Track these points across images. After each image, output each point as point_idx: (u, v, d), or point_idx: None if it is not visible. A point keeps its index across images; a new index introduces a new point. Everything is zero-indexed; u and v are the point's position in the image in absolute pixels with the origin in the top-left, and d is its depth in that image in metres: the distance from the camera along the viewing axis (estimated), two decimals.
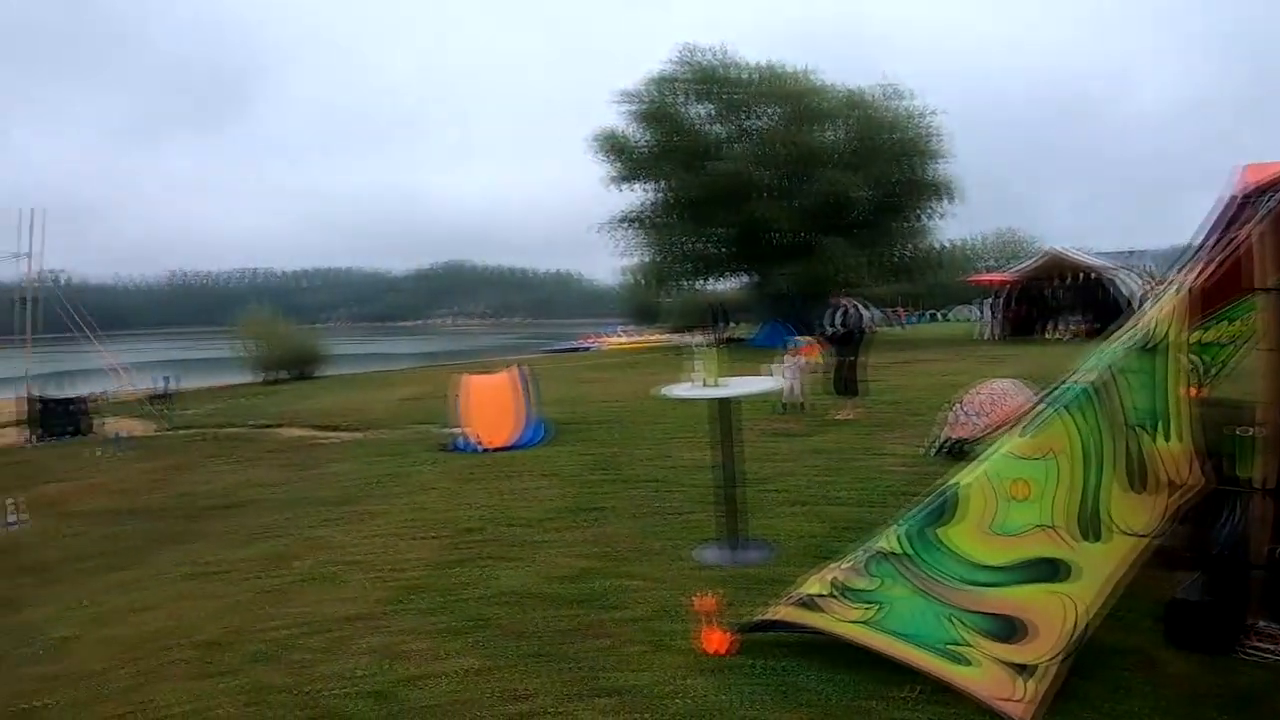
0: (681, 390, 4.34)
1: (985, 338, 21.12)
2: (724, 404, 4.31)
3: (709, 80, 24.44)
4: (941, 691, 2.59)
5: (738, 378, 4.51)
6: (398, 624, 3.87)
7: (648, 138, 25.35)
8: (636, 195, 26.00)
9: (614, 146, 25.44)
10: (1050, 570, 2.52)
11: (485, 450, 8.40)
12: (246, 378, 23.21)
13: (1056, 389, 2.67)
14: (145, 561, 5.72)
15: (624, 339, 36.51)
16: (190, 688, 3.44)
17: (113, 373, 15.60)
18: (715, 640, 3.14)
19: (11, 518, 7.01)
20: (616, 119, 25.25)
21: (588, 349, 34.08)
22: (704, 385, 4.21)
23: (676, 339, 28.88)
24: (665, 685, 2.98)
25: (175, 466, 9.73)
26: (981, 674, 2.50)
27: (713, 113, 25.17)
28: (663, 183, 25.25)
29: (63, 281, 14.61)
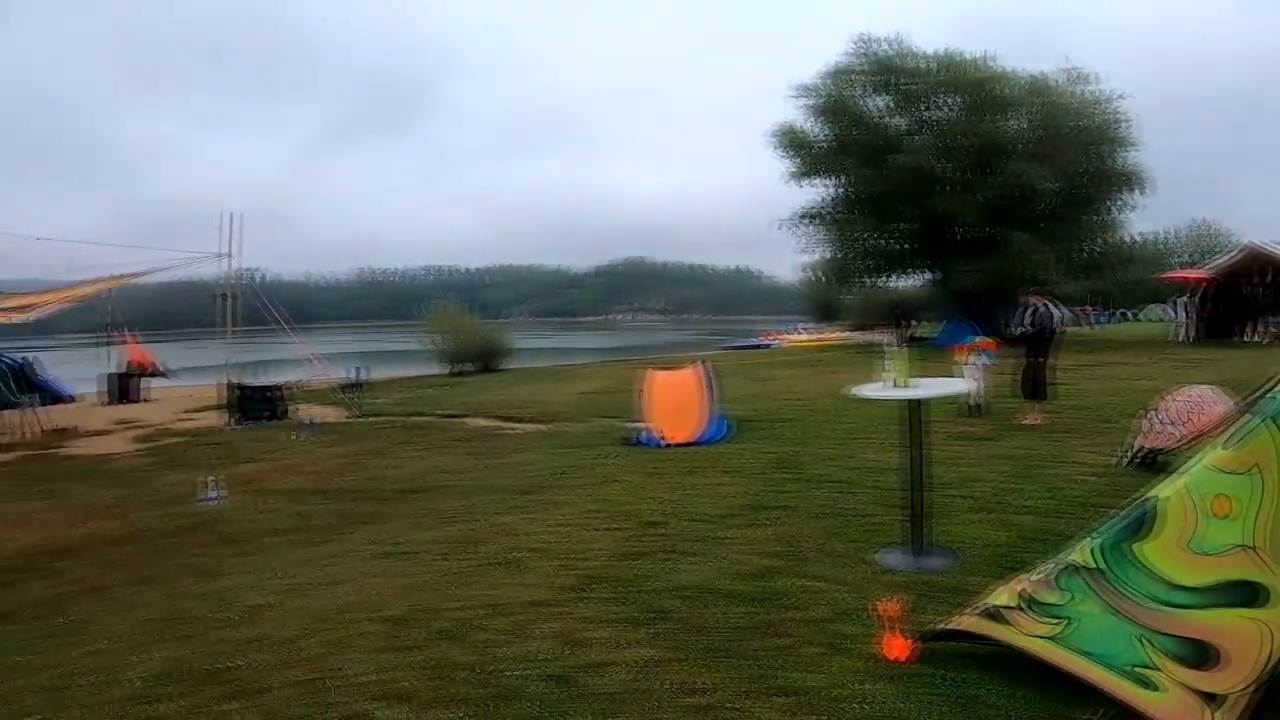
0: (873, 391, 6.24)
1: (1179, 339, 29.66)
2: (914, 406, 6.21)
3: (886, 71, 35.92)
4: (1126, 716, 3.59)
5: (927, 379, 6.45)
6: (579, 611, 5.70)
7: (826, 132, 37.55)
8: (817, 191, 39.16)
9: (793, 142, 37.97)
10: (1249, 594, 3.47)
11: (668, 446, 12.40)
12: (433, 370, 35.56)
13: (1261, 397, 3.79)
14: (336, 539, 8.68)
15: (804, 336, 53.14)
16: (377, 659, 5.28)
17: (307, 363, 25.39)
18: (896, 647, 4.48)
19: (212, 493, 10.83)
20: (795, 114, 38.39)
21: (768, 346, 50.64)
22: (895, 386, 6.10)
23: (857, 337, 43.05)
24: (843, 689, 4.25)
25: (365, 452, 14.41)
26: (1169, 701, 3.48)
27: (891, 105, 36.85)
28: (842, 178, 37.83)
29: (257, 279, 21.18)
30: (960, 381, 9.32)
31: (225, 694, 4.96)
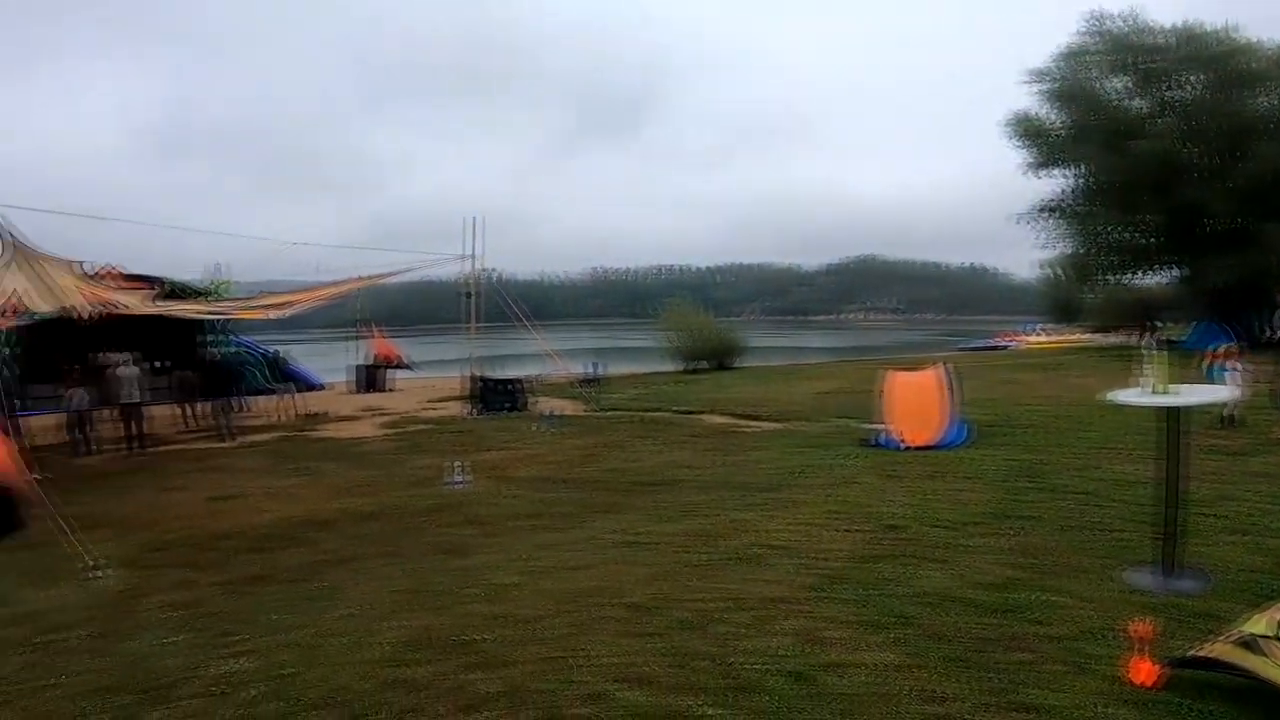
0: (1132, 396, 6.34)
1: None
2: (1174, 414, 6.25)
3: (1122, 49, 34.86)
4: None
5: (1184, 385, 6.48)
6: (819, 611, 6.00)
7: (1063, 119, 36.89)
8: (1055, 182, 38.18)
9: (1028, 130, 37.49)
10: None
11: (907, 448, 12.75)
12: (666, 366, 37.49)
13: None
14: (578, 526, 9.16)
15: (1042, 338, 54.02)
16: (619, 643, 5.59)
17: (546, 358, 27.02)
18: (1144, 671, 4.49)
19: (458, 477, 11.63)
20: (1029, 100, 37.84)
21: (1005, 347, 51.75)
22: (1154, 392, 6.20)
23: (1100, 340, 43.06)
24: (1084, 710, 4.32)
25: (604, 444, 15.17)
26: None
27: (1130, 86, 35.65)
28: (1081, 167, 36.73)
29: (494, 278, 22.84)
30: (1224, 389, 9.27)
31: (471, 664, 5.35)
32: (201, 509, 11.09)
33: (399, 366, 31.82)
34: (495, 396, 20.83)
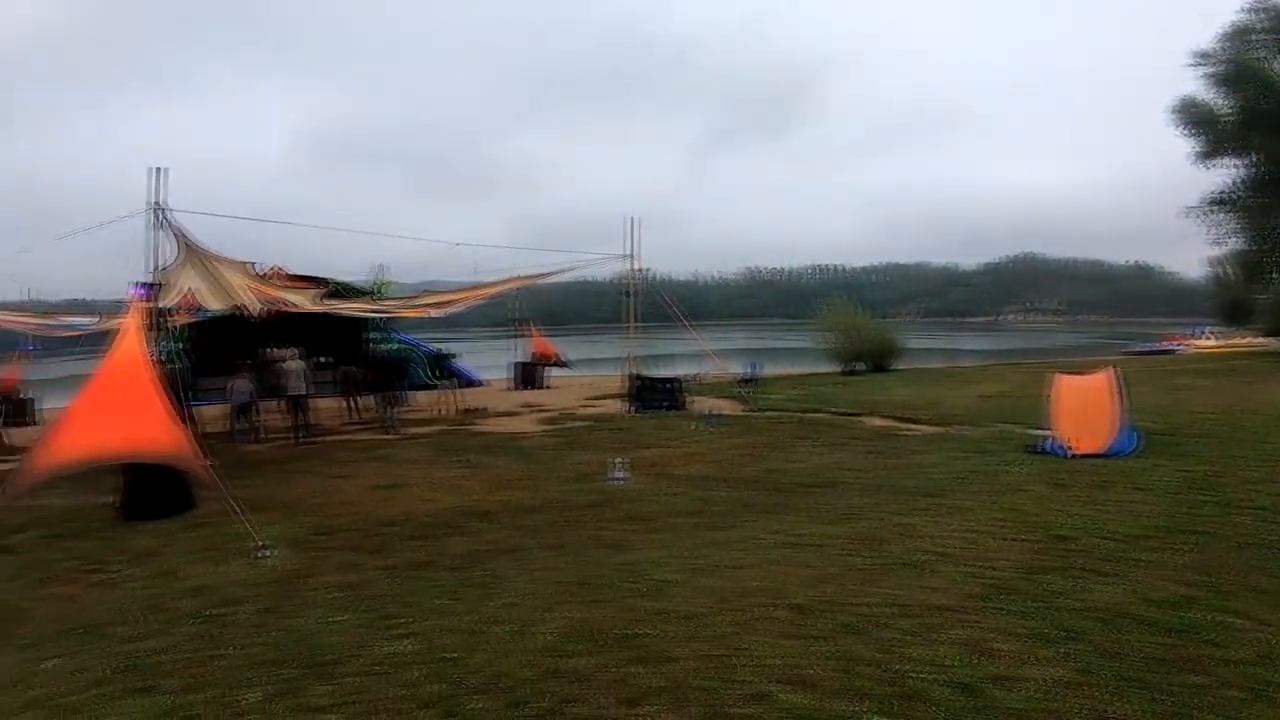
0: None
1: None
2: None
3: None
4: None
5: None
6: (987, 621, 5.93)
7: (1230, 103, 35.21)
8: (1225, 172, 36.66)
9: (1195, 116, 36.13)
10: None
11: (1074, 456, 12.49)
12: (822, 367, 37.27)
13: None
14: (739, 525, 9.13)
15: (1212, 341, 51.35)
16: (782, 645, 5.55)
17: (703, 357, 27.20)
18: None
19: (619, 473, 11.68)
20: (1195, 85, 36.21)
21: (1173, 351, 49.10)
22: None
23: (1273, 343, 40.80)
24: None
25: (764, 444, 15.09)
26: None
27: None
28: (1251, 155, 35.16)
29: (649, 278, 23.12)
30: None
31: (633, 658, 5.39)
32: (366, 496, 11.52)
33: (556, 364, 32.34)
34: (653, 395, 20.94)
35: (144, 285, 11.90)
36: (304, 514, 10.54)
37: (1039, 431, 13.61)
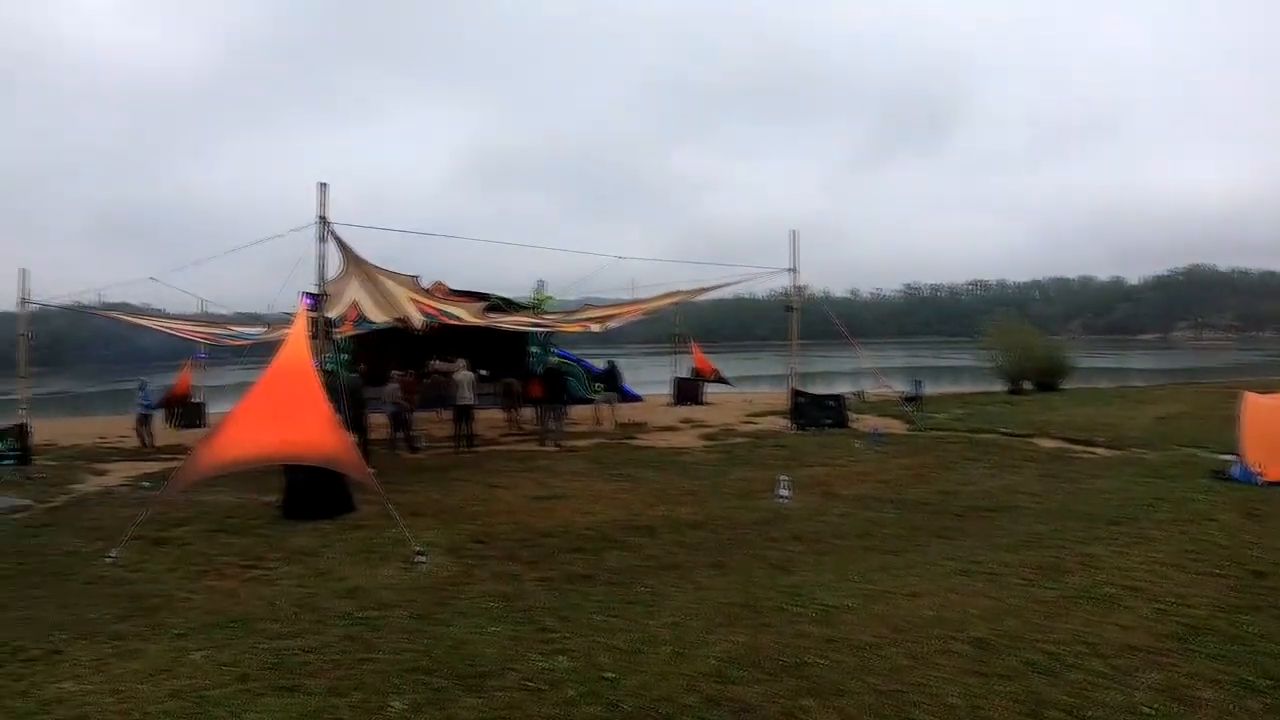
0: None
1: None
2: None
3: None
4: None
5: None
6: (1185, 665, 5.48)
7: None
8: None
9: None
10: None
11: (1265, 483, 11.59)
12: (984, 385, 36.15)
13: None
14: (911, 549, 8.61)
15: None
16: (962, 682, 5.13)
17: (865, 375, 27.04)
18: None
19: (784, 491, 11.19)
20: None
21: None
22: None
23: None
24: None
25: (933, 465, 14.44)
26: None
27: None
28: None
29: (805, 294, 22.57)
30: None
31: (801, 689, 5.04)
32: (524, 506, 11.42)
33: (716, 380, 32.04)
34: (816, 412, 20.38)
35: (310, 295, 12.18)
36: (462, 521, 10.50)
37: (1225, 456, 12.75)
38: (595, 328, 24.08)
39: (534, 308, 24.08)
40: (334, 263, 14.77)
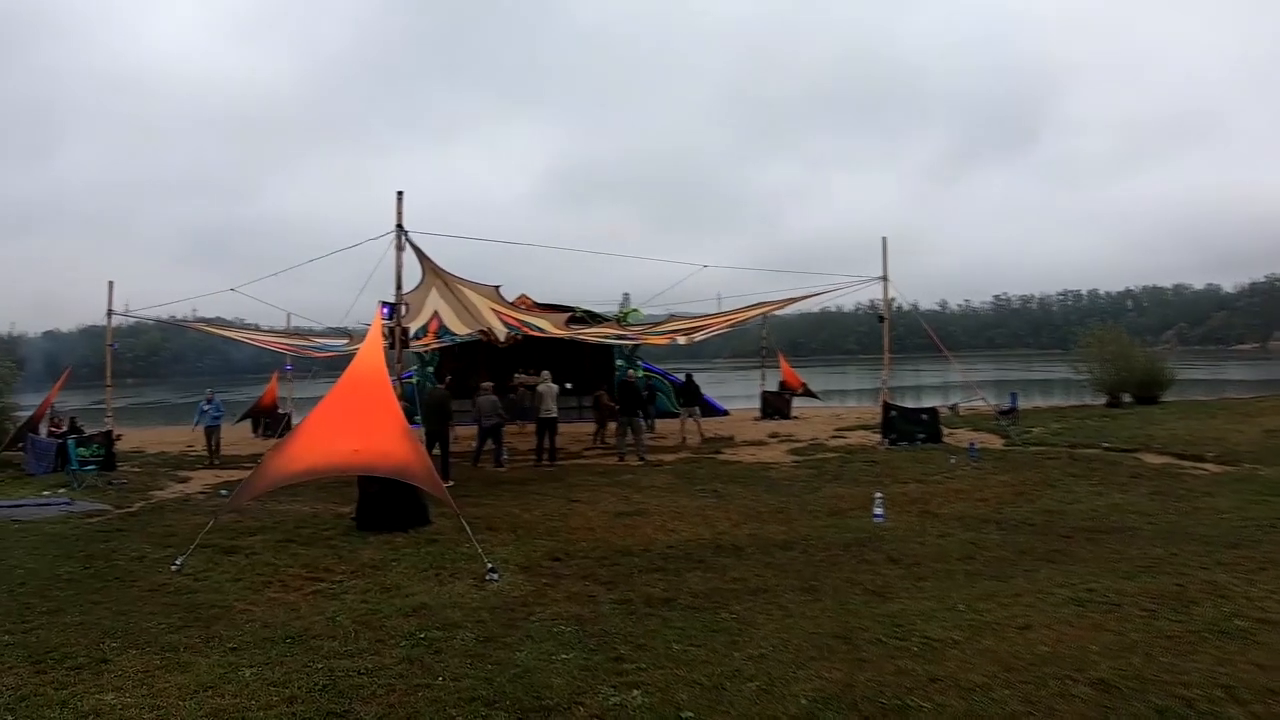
0: None
1: None
2: None
3: None
4: None
5: None
6: None
7: None
8: None
9: None
10: None
11: None
12: (1077, 399, 34.63)
13: None
14: (1018, 575, 7.87)
15: None
16: None
17: (965, 389, 26.15)
18: None
19: (878, 511, 10.53)
20: None
21: None
22: None
23: None
24: None
25: (1034, 482, 13.53)
26: None
27: None
28: None
29: (894, 306, 21.85)
30: None
31: None
32: (604, 522, 10.95)
33: (804, 393, 31.31)
34: (908, 426, 19.53)
35: (387, 304, 11.93)
36: (538, 537, 10.07)
37: None
38: (681, 340, 23.61)
39: (619, 321, 23.74)
40: (414, 273, 14.61)
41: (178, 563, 8.76)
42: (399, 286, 11.91)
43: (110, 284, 20.09)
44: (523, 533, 10.34)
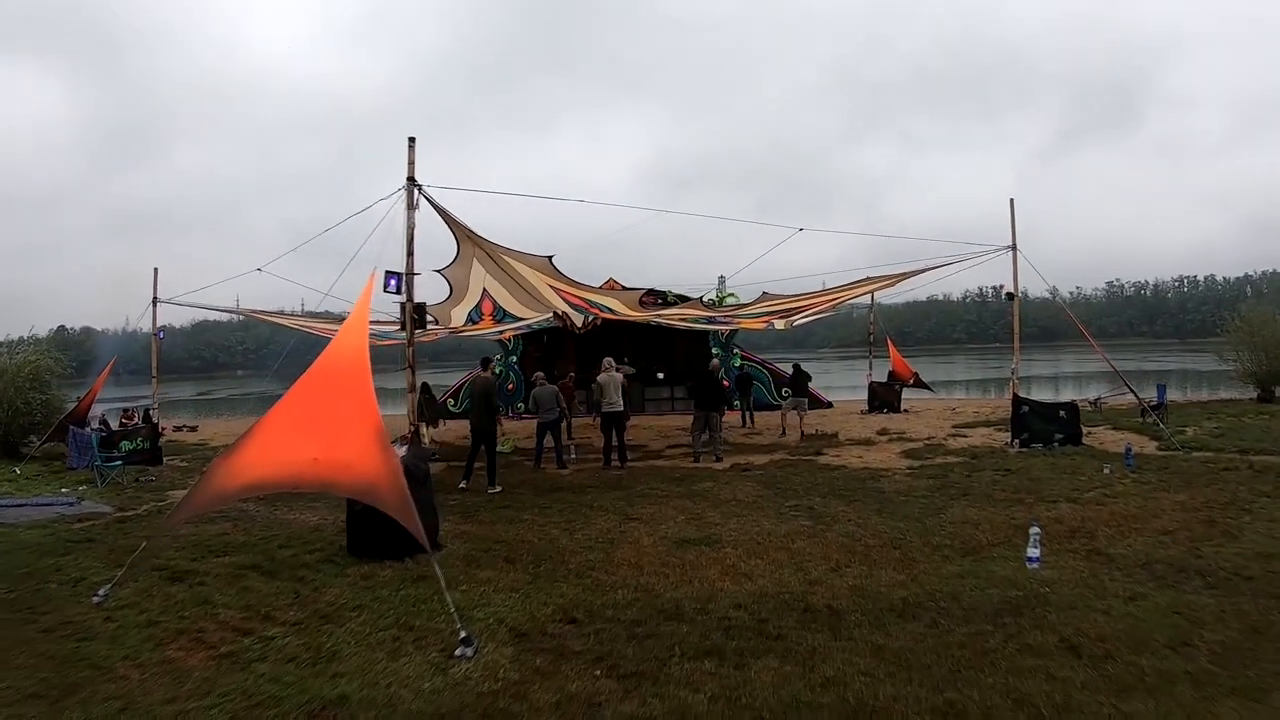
0: None
1: None
2: None
3: None
4: None
5: None
6: None
7: None
8: None
9: None
10: None
11: None
12: (1222, 391, 30.86)
13: None
14: (1275, 688, 4.70)
15: None
16: None
17: (1107, 378, 23.02)
18: None
19: (1034, 552, 7.37)
20: None
21: None
22: None
23: None
24: None
25: (1219, 504, 10.01)
26: None
27: None
28: None
29: (1003, 293, 18.50)
30: None
31: None
32: (658, 556, 8.06)
33: (916, 385, 27.80)
34: (1042, 425, 15.92)
35: (393, 274, 9.28)
36: (562, 579, 7.32)
37: None
38: (779, 324, 20.48)
39: (714, 305, 20.77)
40: (447, 245, 11.93)
41: (100, 593, 6.71)
42: (410, 253, 9.24)
43: (155, 270, 18.50)
44: (546, 569, 7.61)
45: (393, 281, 9.23)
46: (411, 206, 9.19)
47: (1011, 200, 15.81)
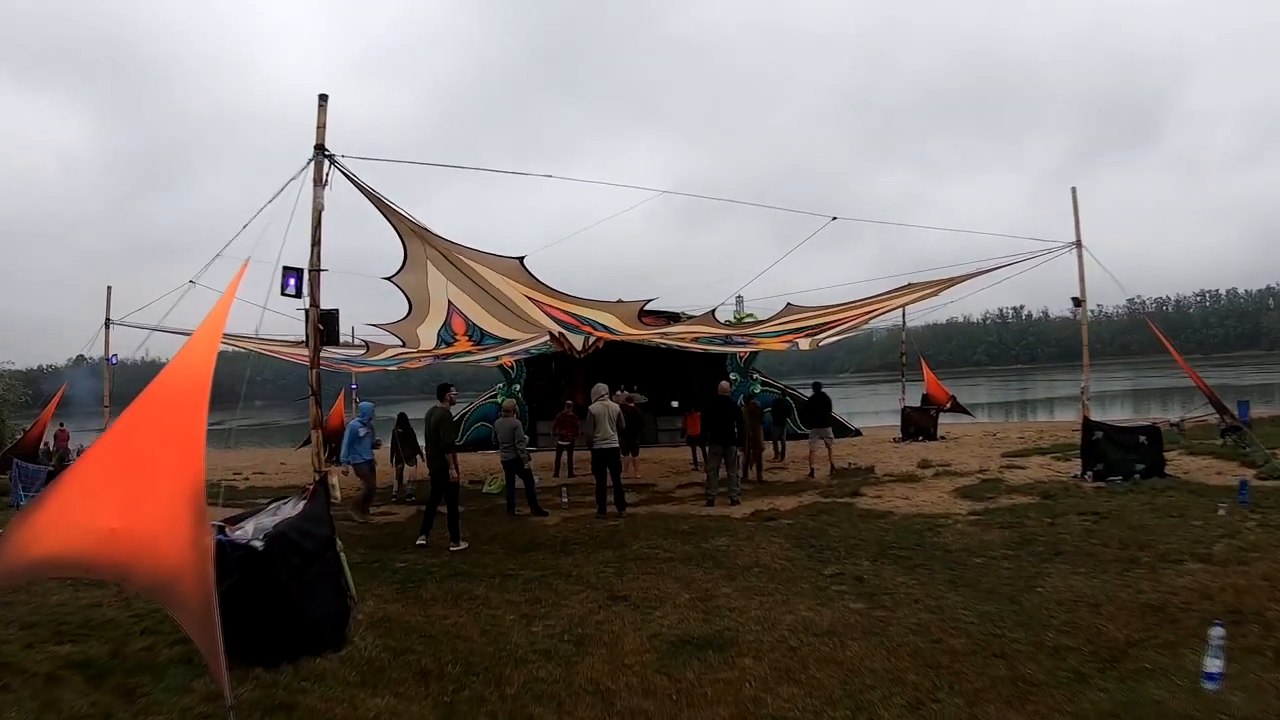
0: None
1: None
2: None
3: None
4: None
5: None
6: None
7: None
8: None
9: None
10: None
11: None
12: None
13: None
14: None
15: None
16: None
17: (1193, 398, 19.75)
18: None
19: (1213, 669, 4.63)
20: None
21: None
22: None
23: None
24: None
25: None
26: None
27: None
28: None
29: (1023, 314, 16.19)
30: None
31: None
32: (640, 676, 5.31)
33: (954, 409, 25.11)
34: (1120, 452, 13.05)
35: (292, 271, 6.77)
36: (485, 718, 4.72)
37: None
38: (804, 344, 17.86)
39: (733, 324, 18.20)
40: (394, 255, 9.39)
41: None
42: (316, 242, 6.72)
43: (109, 289, 16.16)
44: (469, 697, 4.95)
45: (291, 281, 6.72)
46: (320, 182, 6.71)
47: (1074, 189, 13.24)
